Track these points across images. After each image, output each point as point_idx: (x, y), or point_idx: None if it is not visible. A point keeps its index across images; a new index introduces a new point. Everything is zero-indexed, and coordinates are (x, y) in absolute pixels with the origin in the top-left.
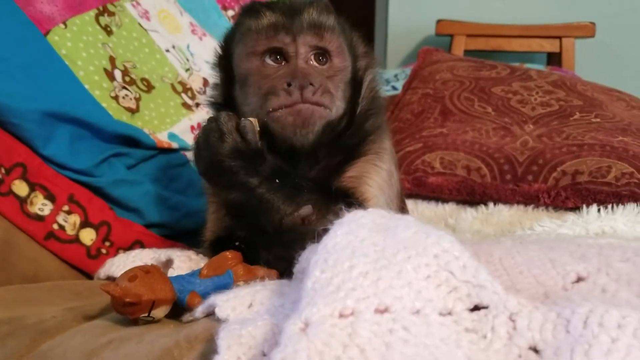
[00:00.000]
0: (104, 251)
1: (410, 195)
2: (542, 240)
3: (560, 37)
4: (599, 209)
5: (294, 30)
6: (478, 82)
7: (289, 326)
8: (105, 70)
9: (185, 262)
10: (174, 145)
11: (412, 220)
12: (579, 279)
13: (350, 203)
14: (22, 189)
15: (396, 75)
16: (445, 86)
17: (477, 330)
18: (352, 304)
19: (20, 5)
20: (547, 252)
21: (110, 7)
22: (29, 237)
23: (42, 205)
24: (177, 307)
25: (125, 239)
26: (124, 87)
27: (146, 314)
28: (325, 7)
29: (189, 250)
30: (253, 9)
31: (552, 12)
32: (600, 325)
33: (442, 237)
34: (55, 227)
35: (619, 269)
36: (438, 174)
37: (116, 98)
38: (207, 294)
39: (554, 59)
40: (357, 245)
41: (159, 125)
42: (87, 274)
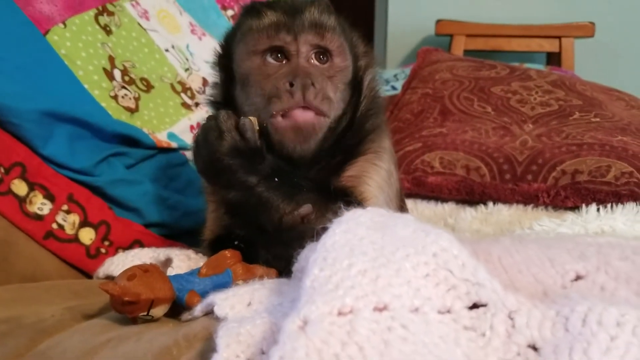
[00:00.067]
0: (103, 251)
1: (409, 195)
2: (541, 239)
3: (559, 37)
4: (599, 208)
5: (295, 29)
6: (477, 82)
7: (288, 324)
8: (105, 69)
9: (184, 261)
10: (173, 144)
11: (411, 219)
12: (578, 278)
13: (349, 202)
14: (21, 188)
15: (396, 75)
16: (445, 86)
17: (476, 328)
18: (351, 302)
19: (19, 5)
20: (546, 251)
21: (109, 7)
22: (28, 237)
23: (41, 205)
24: (176, 306)
25: (125, 238)
26: (123, 87)
27: (145, 313)
28: (326, 6)
29: (188, 250)
30: (254, 9)
31: (551, 12)
32: (599, 323)
33: (441, 235)
34: (55, 226)
35: (618, 267)
36: (437, 174)
37: (115, 98)
38: (206, 292)
39: (554, 58)
40: (355, 243)
41: (158, 124)
42: (86, 274)
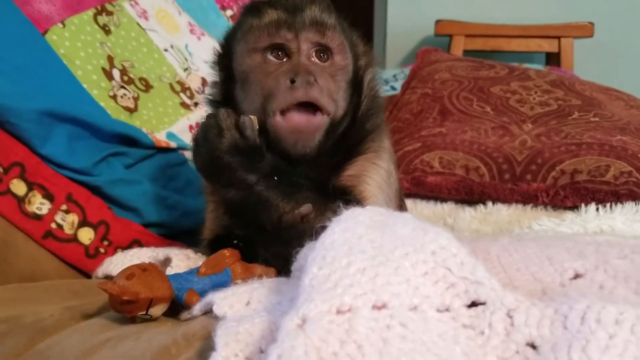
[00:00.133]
0: (102, 250)
1: (409, 195)
2: (540, 237)
3: (558, 37)
4: (598, 207)
5: (296, 26)
6: (477, 82)
7: (286, 322)
8: (104, 69)
9: (183, 261)
10: (172, 144)
11: (410, 218)
12: (577, 276)
13: (348, 201)
14: (20, 188)
15: (395, 76)
16: (444, 86)
17: (475, 326)
18: (350, 300)
19: (18, 5)
20: (545, 250)
21: (108, 7)
22: (26, 236)
23: (40, 205)
24: (175, 305)
25: (124, 238)
26: (122, 87)
27: (144, 312)
28: (326, 5)
29: (187, 249)
30: (255, 7)
31: (550, 12)
32: (597, 322)
33: (440, 234)
34: (54, 226)
35: (617, 265)
36: (437, 174)
37: (114, 97)
38: (204, 292)
39: (553, 58)
40: (354, 242)
41: (157, 124)
42: (85, 273)
